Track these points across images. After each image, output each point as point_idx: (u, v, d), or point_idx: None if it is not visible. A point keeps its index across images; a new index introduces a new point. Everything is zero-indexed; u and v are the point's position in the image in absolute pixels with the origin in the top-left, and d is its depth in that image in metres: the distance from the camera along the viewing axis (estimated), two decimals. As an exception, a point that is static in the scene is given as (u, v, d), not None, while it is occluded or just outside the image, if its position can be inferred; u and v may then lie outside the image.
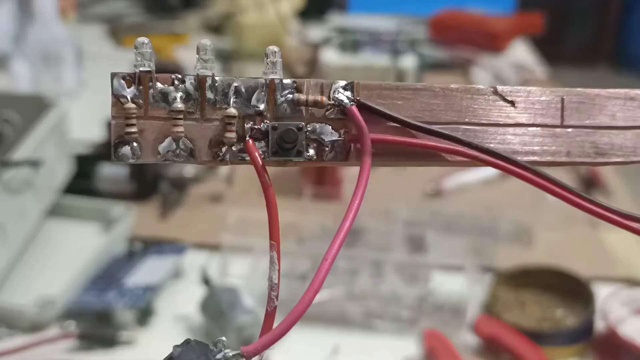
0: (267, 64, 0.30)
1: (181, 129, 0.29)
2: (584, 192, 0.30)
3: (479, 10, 1.72)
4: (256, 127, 0.30)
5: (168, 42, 1.53)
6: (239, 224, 0.81)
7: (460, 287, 0.72)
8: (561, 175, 1.09)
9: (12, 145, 0.78)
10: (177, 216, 0.90)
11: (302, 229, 0.82)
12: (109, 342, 0.65)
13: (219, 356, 0.28)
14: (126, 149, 0.29)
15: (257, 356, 0.28)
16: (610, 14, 3.74)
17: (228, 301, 0.66)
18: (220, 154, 0.30)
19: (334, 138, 0.30)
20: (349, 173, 0.98)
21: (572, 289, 0.72)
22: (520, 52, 1.66)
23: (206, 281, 0.69)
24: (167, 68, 1.26)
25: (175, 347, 0.30)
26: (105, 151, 0.97)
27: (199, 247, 0.82)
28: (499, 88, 0.31)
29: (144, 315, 0.68)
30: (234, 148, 0.30)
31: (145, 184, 0.92)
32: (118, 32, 1.65)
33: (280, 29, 1.49)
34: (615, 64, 3.74)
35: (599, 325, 0.68)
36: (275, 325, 0.28)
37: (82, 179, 0.90)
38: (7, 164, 0.74)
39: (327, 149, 0.30)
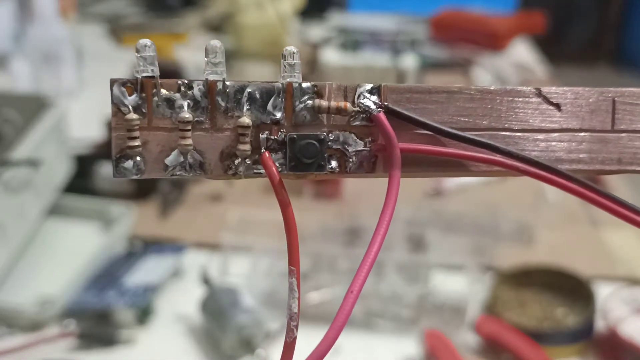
0: (285, 66, 0.27)
1: (189, 141, 0.27)
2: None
3: (479, 10, 1.72)
4: (272, 137, 0.27)
5: (168, 42, 1.53)
6: (239, 223, 0.81)
7: (461, 286, 0.72)
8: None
9: (12, 144, 0.78)
10: (176, 216, 0.90)
11: (302, 229, 0.82)
12: (108, 341, 0.65)
13: None
14: (129, 164, 0.27)
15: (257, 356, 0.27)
16: (611, 13, 3.74)
17: (228, 301, 0.66)
18: (233, 167, 0.27)
19: (358, 148, 0.28)
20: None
21: (573, 288, 0.72)
22: (521, 52, 1.65)
23: (206, 281, 0.69)
24: (166, 68, 1.26)
25: None
26: (105, 151, 0.96)
27: (198, 247, 0.82)
28: (544, 90, 0.28)
29: (144, 315, 0.68)
30: (247, 160, 0.27)
31: (145, 184, 0.92)
32: (118, 31, 1.65)
33: (280, 29, 1.49)
34: (616, 63, 3.74)
35: (600, 324, 0.68)
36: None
37: (82, 179, 0.90)
38: (6, 164, 0.74)
39: (351, 160, 0.28)
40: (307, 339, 0.27)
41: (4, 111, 0.85)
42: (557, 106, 0.28)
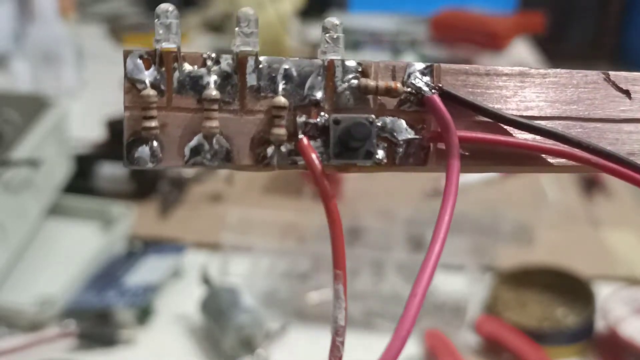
0: (326, 40, 0.23)
1: (215, 123, 0.23)
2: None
3: (479, 10, 1.72)
4: (311, 121, 0.23)
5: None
6: (239, 223, 0.81)
7: (461, 286, 0.72)
8: (561, 176, 1.07)
9: (12, 144, 0.78)
10: (176, 216, 0.90)
11: (302, 229, 0.82)
12: (108, 341, 0.65)
13: None
14: (143, 150, 0.22)
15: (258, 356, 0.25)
16: (611, 12, 3.74)
17: (228, 301, 0.66)
18: (266, 157, 0.23)
19: (409, 136, 0.24)
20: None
21: (573, 289, 0.72)
22: (521, 51, 1.65)
23: (206, 281, 0.69)
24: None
25: None
26: (105, 151, 0.96)
27: (199, 247, 0.82)
28: (612, 74, 0.26)
29: (144, 315, 0.68)
30: (282, 148, 0.23)
31: (145, 184, 0.92)
32: (118, 31, 1.65)
33: (280, 29, 1.49)
34: (616, 63, 3.74)
35: (600, 324, 0.68)
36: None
37: (82, 179, 0.90)
38: (6, 164, 0.74)
39: (400, 150, 0.24)
40: (308, 339, 0.26)
41: (4, 111, 0.85)
42: (627, 93, 0.26)
